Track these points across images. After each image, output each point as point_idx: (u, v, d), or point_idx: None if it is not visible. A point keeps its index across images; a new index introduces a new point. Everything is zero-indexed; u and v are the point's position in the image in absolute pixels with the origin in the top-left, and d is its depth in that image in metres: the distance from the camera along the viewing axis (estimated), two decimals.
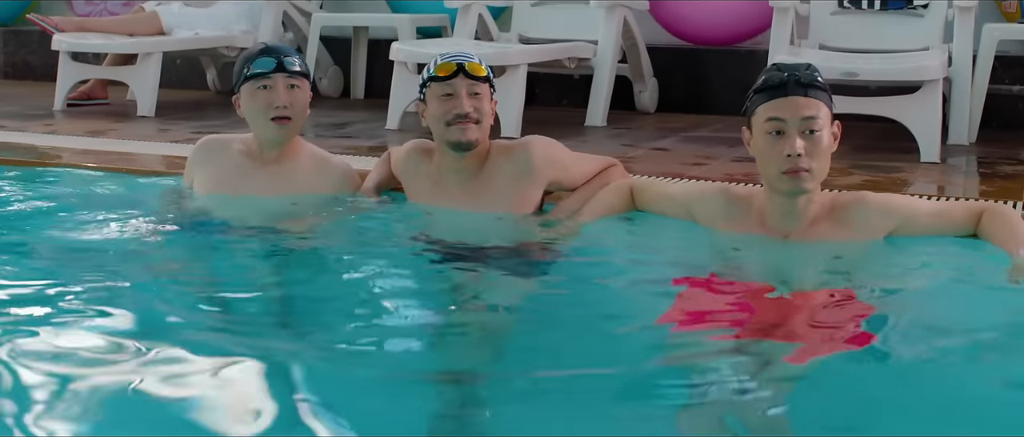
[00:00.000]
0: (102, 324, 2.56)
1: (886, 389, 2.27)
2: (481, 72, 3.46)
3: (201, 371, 2.28)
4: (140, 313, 2.66)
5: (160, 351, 2.37)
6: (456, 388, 2.27)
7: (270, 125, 3.59)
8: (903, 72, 4.79)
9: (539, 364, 2.38)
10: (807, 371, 2.37)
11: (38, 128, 5.34)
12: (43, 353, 2.33)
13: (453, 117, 3.42)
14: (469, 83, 3.44)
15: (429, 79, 3.48)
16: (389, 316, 2.79)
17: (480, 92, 3.46)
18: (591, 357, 2.43)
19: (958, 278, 3.02)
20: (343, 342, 2.52)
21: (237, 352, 2.39)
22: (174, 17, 6.39)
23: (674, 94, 6.32)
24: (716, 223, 3.28)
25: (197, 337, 2.48)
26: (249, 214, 3.56)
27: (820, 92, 3.07)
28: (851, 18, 5.54)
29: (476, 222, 3.47)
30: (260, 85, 3.57)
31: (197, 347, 2.40)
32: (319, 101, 6.40)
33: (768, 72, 3.11)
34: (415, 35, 6.16)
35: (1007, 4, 5.78)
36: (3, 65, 7.98)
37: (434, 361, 2.46)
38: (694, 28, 6.37)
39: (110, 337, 2.45)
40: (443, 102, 3.44)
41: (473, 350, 2.55)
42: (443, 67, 3.45)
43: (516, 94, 5.17)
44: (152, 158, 4.62)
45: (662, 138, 5.23)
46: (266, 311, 2.80)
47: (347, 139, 5.05)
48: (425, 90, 3.50)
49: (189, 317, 2.66)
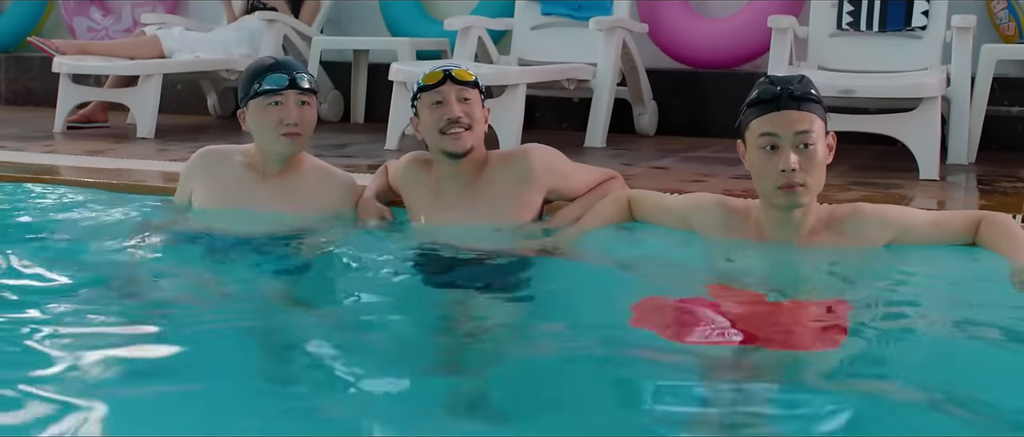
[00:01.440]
0: (97, 337, 2.56)
1: (886, 395, 2.26)
2: (468, 77, 3.47)
3: (200, 384, 2.28)
4: (138, 328, 2.65)
5: (158, 365, 2.37)
6: (457, 397, 2.26)
7: (281, 139, 3.57)
8: (901, 89, 4.79)
9: (540, 373, 2.37)
10: (804, 377, 2.36)
11: (37, 148, 5.34)
12: (36, 368, 2.32)
13: (445, 123, 3.43)
14: (458, 89, 3.45)
15: (419, 90, 3.50)
16: (390, 328, 2.78)
17: (470, 98, 3.47)
18: (591, 366, 2.42)
19: (957, 285, 3.01)
20: (344, 355, 2.50)
21: (239, 365, 2.38)
22: (175, 41, 6.40)
23: (674, 117, 6.33)
24: (714, 234, 3.28)
25: (196, 351, 2.48)
26: (252, 228, 3.55)
27: (814, 105, 3.05)
28: (850, 40, 5.56)
29: (476, 232, 3.46)
30: (271, 101, 3.55)
31: (196, 361, 2.40)
32: (319, 125, 6.36)
33: (761, 86, 3.09)
34: (415, 58, 6.17)
35: (1005, 27, 5.79)
36: (5, 91, 8.00)
37: (435, 372, 2.45)
38: (693, 51, 6.39)
39: (106, 350, 2.44)
40: (434, 111, 3.45)
41: (474, 361, 2.54)
42: (431, 76, 3.47)
43: (515, 114, 5.17)
44: (149, 174, 4.62)
45: (661, 158, 5.23)
46: (268, 324, 2.79)
47: (346, 159, 5.04)
48: (416, 103, 3.52)
49: (188, 331, 2.65)
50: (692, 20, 6.41)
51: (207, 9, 7.51)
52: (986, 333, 2.59)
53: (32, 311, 2.72)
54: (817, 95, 3.07)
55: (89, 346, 2.47)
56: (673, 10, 6.40)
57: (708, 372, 2.37)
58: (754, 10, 6.09)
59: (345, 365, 2.39)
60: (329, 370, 2.38)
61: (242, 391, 2.26)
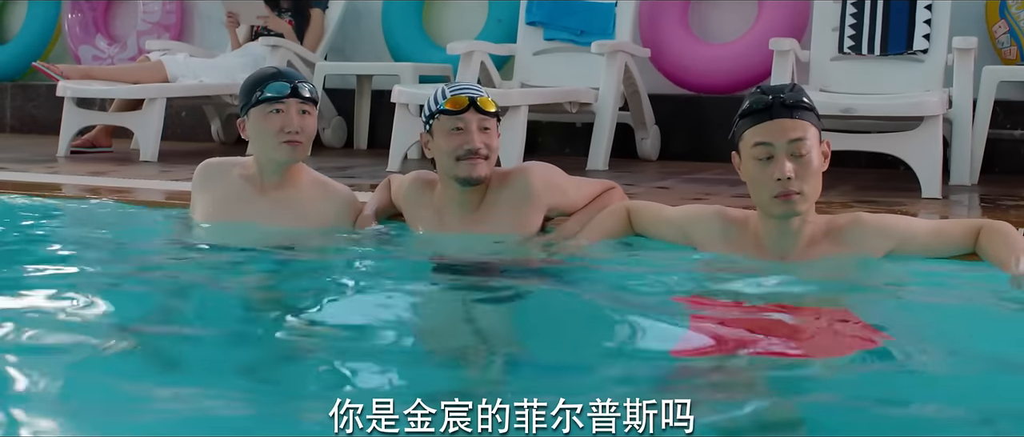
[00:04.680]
0: (96, 345, 2.54)
1: (889, 404, 2.24)
2: (492, 107, 3.43)
3: (199, 397, 2.26)
4: (136, 339, 2.63)
5: (155, 377, 2.35)
6: (457, 406, 2.24)
7: (282, 147, 3.56)
8: (902, 108, 4.80)
9: (541, 384, 2.35)
10: (806, 387, 2.34)
11: (40, 170, 5.35)
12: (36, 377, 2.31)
13: (464, 152, 3.39)
14: (480, 118, 3.41)
15: (439, 112, 3.42)
16: (389, 339, 2.76)
17: (490, 127, 3.44)
18: (590, 377, 2.41)
19: (959, 294, 2.99)
20: (343, 365, 2.49)
21: (236, 378, 2.37)
22: (179, 67, 6.43)
23: (676, 142, 6.33)
24: (712, 245, 3.26)
25: (196, 363, 2.46)
26: (249, 240, 3.55)
27: (806, 112, 3.03)
28: (851, 63, 5.57)
29: (477, 246, 3.45)
30: (273, 109, 3.55)
31: (194, 373, 2.38)
32: (322, 151, 6.44)
33: (753, 96, 3.07)
34: (418, 83, 6.18)
35: (1007, 51, 5.80)
36: (10, 118, 8.03)
37: (435, 381, 2.43)
38: (696, 76, 6.40)
39: (103, 358, 2.43)
40: (453, 136, 3.40)
41: (474, 371, 2.52)
42: (454, 101, 3.40)
43: (517, 136, 5.18)
44: (151, 192, 4.63)
45: (663, 180, 5.23)
46: (265, 336, 2.77)
47: (349, 180, 5.04)
48: (433, 122, 3.44)
49: (187, 343, 2.64)
50: (694, 45, 6.42)
51: (212, 36, 7.56)
52: (988, 350, 2.56)
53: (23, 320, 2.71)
54: (810, 103, 3.06)
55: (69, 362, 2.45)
56: (675, 35, 6.41)
57: (715, 383, 2.35)
58: (756, 34, 6.10)
59: (337, 375, 2.38)
60: (321, 379, 2.37)
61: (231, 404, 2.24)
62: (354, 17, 7.21)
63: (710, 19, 6.59)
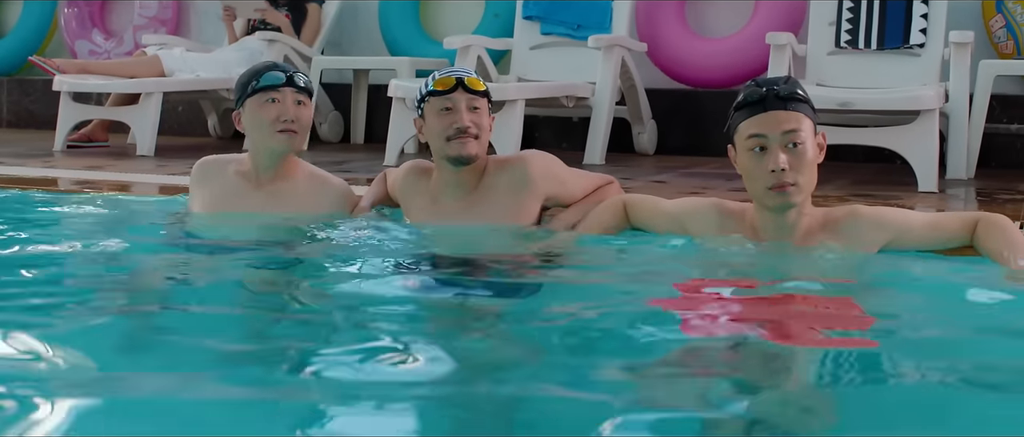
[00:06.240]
0: (92, 342, 2.53)
1: (885, 391, 2.24)
2: (480, 87, 3.47)
3: (196, 390, 2.26)
4: (132, 332, 2.63)
5: (151, 370, 2.34)
6: (454, 402, 2.24)
7: (277, 136, 3.57)
8: (898, 101, 4.80)
9: (538, 376, 2.35)
10: (803, 373, 2.34)
11: (37, 164, 5.35)
12: (31, 372, 2.30)
13: (454, 131, 3.42)
14: (468, 97, 3.45)
15: (428, 93, 3.48)
16: (386, 332, 2.75)
17: (479, 107, 3.46)
18: (590, 367, 2.41)
19: (956, 285, 2.99)
20: (339, 360, 2.48)
21: (232, 372, 2.36)
22: (175, 61, 6.43)
23: (673, 136, 6.34)
24: (709, 237, 3.26)
25: (191, 356, 2.45)
26: (244, 232, 3.55)
27: (801, 104, 3.04)
28: (848, 58, 5.57)
29: (473, 235, 3.46)
30: (269, 98, 3.57)
31: (191, 366, 2.37)
32: (319, 146, 6.44)
33: (747, 88, 3.09)
34: (414, 77, 6.18)
35: (1003, 45, 5.80)
36: (6, 113, 8.03)
37: (432, 377, 2.43)
38: (693, 71, 6.40)
39: (100, 355, 2.42)
40: (442, 117, 3.44)
41: (470, 365, 2.52)
42: (442, 81, 3.46)
43: (514, 130, 5.18)
44: (147, 186, 4.63)
45: (660, 174, 5.23)
46: (261, 330, 2.77)
47: (346, 174, 5.04)
48: (423, 105, 3.50)
49: (183, 336, 2.63)
50: (691, 39, 6.43)
51: (208, 31, 7.55)
52: (987, 341, 2.56)
53: (20, 313, 2.71)
54: (804, 94, 3.06)
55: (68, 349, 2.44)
56: (672, 29, 6.41)
57: (716, 369, 2.35)
58: (753, 29, 6.11)
59: (336, 369, 2.38)
60: (318, 373, 2.36)
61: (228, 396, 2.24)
62: (351, 11, 7.22)
63: (707, 14, 6.60)
